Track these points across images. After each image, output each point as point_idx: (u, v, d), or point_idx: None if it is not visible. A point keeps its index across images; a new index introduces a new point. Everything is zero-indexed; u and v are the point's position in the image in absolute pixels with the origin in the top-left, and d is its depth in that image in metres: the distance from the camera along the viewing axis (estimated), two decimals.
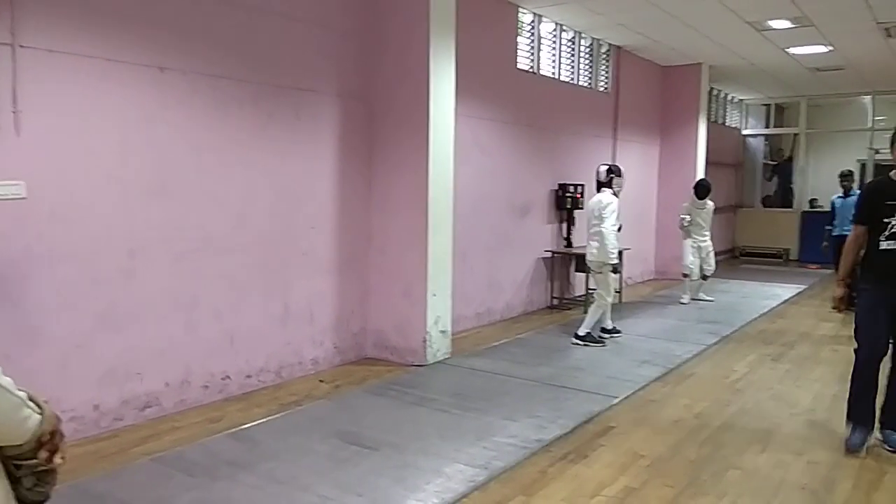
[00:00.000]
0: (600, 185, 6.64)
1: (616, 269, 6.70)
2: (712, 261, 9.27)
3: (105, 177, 4.21)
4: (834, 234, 8.67)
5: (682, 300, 9.09)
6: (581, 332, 6.68)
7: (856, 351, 4.11)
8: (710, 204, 9.15)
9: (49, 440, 1.31)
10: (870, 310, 4.02)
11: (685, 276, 9.16)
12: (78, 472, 3.62)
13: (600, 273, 6.64)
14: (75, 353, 4.12)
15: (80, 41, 4.05)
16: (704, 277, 9.32)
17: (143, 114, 4.38)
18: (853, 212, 7.79)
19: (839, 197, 8.75)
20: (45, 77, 3.90)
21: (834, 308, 4.33)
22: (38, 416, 1.29)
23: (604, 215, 6.40)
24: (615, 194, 6.55)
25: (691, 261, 9.11)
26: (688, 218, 9.03)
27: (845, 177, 8.78)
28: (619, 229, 6.57)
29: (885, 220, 3.94)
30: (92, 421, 4.22)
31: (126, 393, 4.40)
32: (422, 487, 3.53)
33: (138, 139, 4.37)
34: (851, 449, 4.04)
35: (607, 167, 6.69)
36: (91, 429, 4.20)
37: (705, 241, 9.14)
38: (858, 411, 4.10)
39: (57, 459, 1.33)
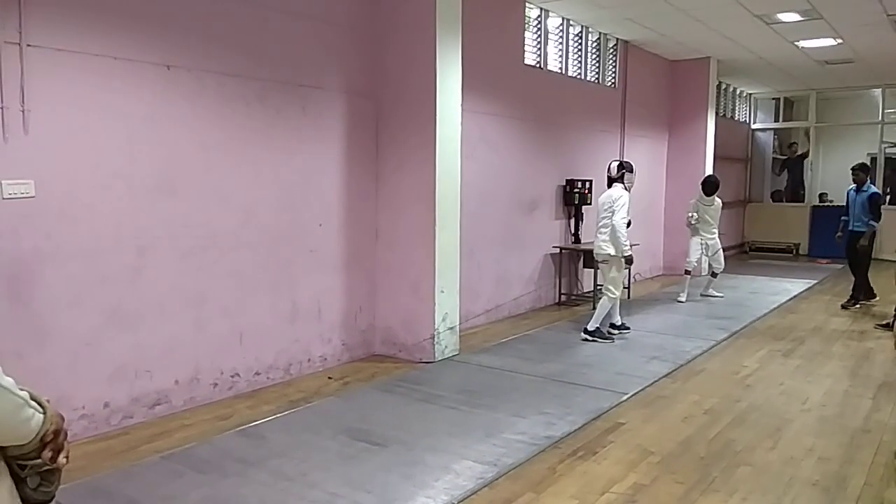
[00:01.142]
0: (611, 181, 6.64)
1: (630, 260, 6.65)
2: (721, 258, 9.14)
3: (113, 175, 4.22)
4: (848, 228, 8.60)
5: (680, 299, 8.90)
6: (590, 328, 6.67)
7: None
8: (717, 201, 9.01)
9: (52, 439, 1.30)
10: None
11: (687, 272, 9.05)
12: (88, 469, 3.64)
13: (605, 264, 6.63)
14: (85, 350, 4.14)
15: (88, 40, 4.05)
16: (714, 275, 9.22)
17: (151, 111, 4.39)
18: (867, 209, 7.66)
19: (852, 190, 8.62)
20: (52, 76, 3.90)
21: None
22: (41, 416, 1.29)
23: (615, 208, 6.41)
24: (626, 189, 6.55)
25: (697, 258, 8.99)
26: (695, 215, 8.89)
27: (856, 170, 8.63)
28: (629, 224, 6.56)
29: None
30: (102, 418, 4.24)
31: (136, 390, 4.41)
32: (431, 484, 3.53)
33: (146, 137, 4.37)
34: None
35: (618, 163, 6.69)
36: (101, 426, 4.22)
37: (713, 238, 9.00)
38: None
39: (61, 459, 1.32)
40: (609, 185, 6.66)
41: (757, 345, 6.72)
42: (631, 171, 6.64)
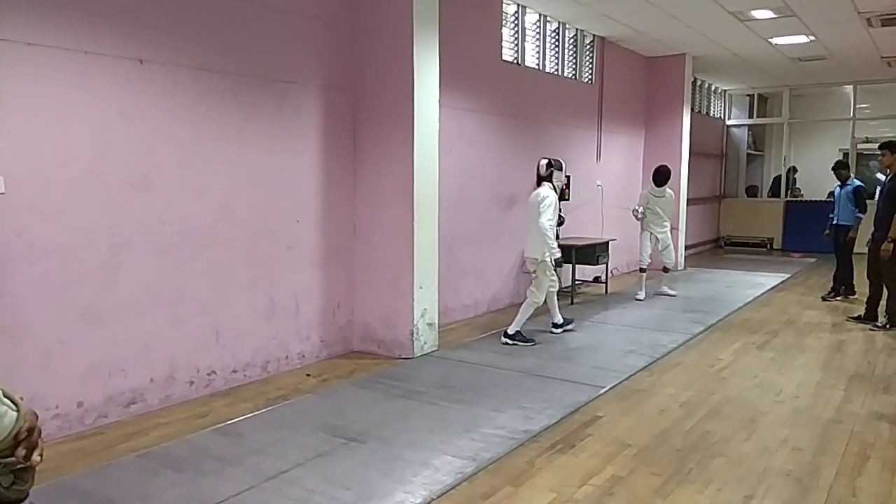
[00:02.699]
0: (540, 180, 6.42)
1: (559, 263, 6.45)
2: (671, 254, 8.87)
3: (85, 171, 4.15)
4: (833, 223, 8.76)
5: (638, 297, 8.74)
6: (510, 331, 6.44)
7: None
8: (669, 192, 8.74)
9: (26, 437, 1.28)
10: None
11: (642, 270, 8.83)
12: (63, 469, 3.59)
13: (536, 268, 6.39)
14: (58, 349, 4.08)
15: (59, 34, 3.98)
16: (666, 270, 9.00)
17: (123, 106, 4.33)
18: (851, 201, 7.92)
19: (838, 186, 8.82)
20: (22, 70, 3.83)
21: None
22: (14, 414, 1.27)
23: (541, 210, 6.19)
24: (555, 188, 6.37)
25: (648, 254, 8.79)
26: (640, 209, 8.66)
27: (836, 169, 8.81)
28: (561, 223, 6.44)
29: None
30: (76, 418, 4.18)
31: (110, 389, 4.35)
32: (410, 480, 3.53)
33: (118, 132, 4.31)
34: None
35: (547, 161, 6.45)
36: (75, 426, 4.16)
37: (664, 232, 8.74)
38: None
39: (35, 457, 1.30)
40: (538, 184, 6.45)
41: (732, 338, 6.81)
42: (560, 168, 6.43)
